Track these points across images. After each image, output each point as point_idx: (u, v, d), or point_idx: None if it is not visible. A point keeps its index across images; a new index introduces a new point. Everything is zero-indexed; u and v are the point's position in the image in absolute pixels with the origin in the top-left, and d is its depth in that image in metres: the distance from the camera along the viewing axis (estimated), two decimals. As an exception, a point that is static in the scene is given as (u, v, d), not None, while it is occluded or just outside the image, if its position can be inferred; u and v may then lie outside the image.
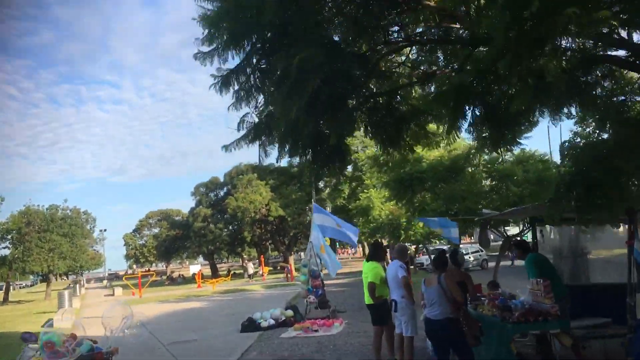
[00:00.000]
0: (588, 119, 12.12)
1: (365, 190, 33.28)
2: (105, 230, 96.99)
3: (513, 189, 15.55)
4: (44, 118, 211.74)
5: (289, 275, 40.93)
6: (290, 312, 15.81)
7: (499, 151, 8.94)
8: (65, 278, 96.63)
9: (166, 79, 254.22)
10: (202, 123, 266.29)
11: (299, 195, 54.49)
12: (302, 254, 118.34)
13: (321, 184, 59.95)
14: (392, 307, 8.74)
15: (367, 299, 9.33)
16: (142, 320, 20.86)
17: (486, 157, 17.38)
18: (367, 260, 9.52)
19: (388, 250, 21.83)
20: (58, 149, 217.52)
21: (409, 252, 14.28)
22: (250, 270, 47.43)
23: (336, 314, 16.02)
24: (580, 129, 14.17)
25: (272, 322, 15.35)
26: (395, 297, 8.72)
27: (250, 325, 15.32)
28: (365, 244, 63.21)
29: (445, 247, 41.51)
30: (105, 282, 79.06)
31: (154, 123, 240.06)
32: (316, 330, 13.88)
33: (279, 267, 69.70)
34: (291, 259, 60.01)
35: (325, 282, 16.85)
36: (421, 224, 27.02)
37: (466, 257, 38.47)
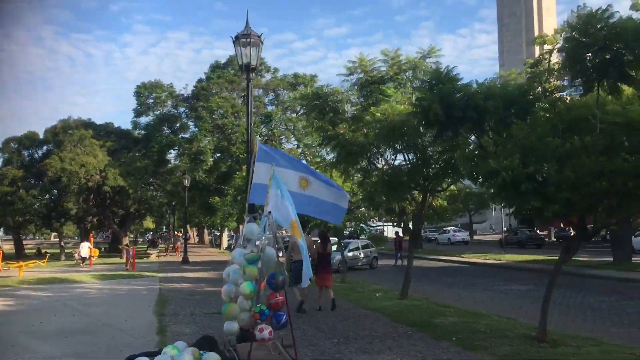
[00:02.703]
0: None
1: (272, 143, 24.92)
2: None
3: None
4: None
5: (130, 262, 31.13)
6: (214, 358, 7.42)
7: None
8: None
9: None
10: (17, 86, 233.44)
11: (144, 163, 44.22)
12: (131, 236, 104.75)
13: (171, 154, 50.10)
14: None
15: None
16: None
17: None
18: None
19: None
20: None
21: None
22: (84, 253, 36.50)
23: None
24: None
25: (176, 381, 6.93)
26: None
27: (126, 388, 6.77)
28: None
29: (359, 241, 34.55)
30: None
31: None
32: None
33: (103, 249, 58.00)
34: (126, 239, 49.28)
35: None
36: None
37: (355, 252, 31.99)
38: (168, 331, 11.29)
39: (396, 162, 14.83)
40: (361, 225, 24.83)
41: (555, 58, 28.64)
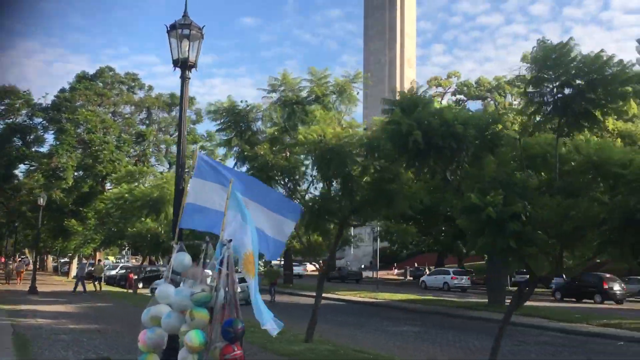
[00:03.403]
0: None
1: (143, 165, 22.75)
2: None
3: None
4: None
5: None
6: None
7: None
8: None
9: None
10: None
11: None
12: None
13: (20, 169, 44.49)
14: None
15: None
16: None
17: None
18: None
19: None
20: None
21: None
22: None
23: None
24: None
25: None
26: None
27: None
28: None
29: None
30: None
31: None
32: None
33: None
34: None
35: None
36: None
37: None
38: (46, 386, 8.90)
39: (316, 191, 13.65)
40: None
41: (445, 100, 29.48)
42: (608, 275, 35.09)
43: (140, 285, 34.41)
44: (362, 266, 79.62)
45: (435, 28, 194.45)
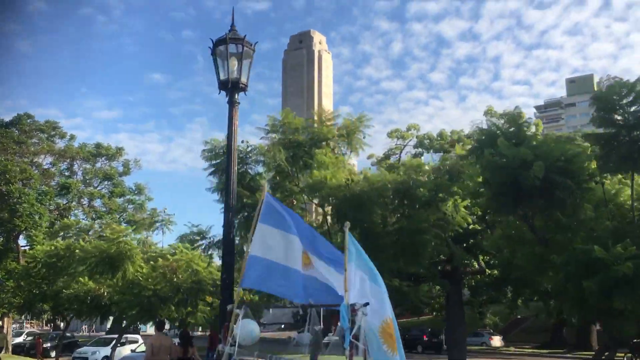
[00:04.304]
0: None
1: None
2: None
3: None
4: None
5: None
6: None
7: None
8: None
9: None
10: None
11: None
12: None
13: None
14: None
15: None
16: None
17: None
18: None
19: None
20: None
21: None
22: None
23: None
24: None
25: None
26: None
27: None
28: None
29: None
30: None
31: None
32: None
33: None
34: None
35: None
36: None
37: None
38: None
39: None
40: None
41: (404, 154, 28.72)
42: (429, 329, 43.72)
43: (53, 354, 31.14)
44: (282, 326, 77.81)
45: (342, 90, 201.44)
